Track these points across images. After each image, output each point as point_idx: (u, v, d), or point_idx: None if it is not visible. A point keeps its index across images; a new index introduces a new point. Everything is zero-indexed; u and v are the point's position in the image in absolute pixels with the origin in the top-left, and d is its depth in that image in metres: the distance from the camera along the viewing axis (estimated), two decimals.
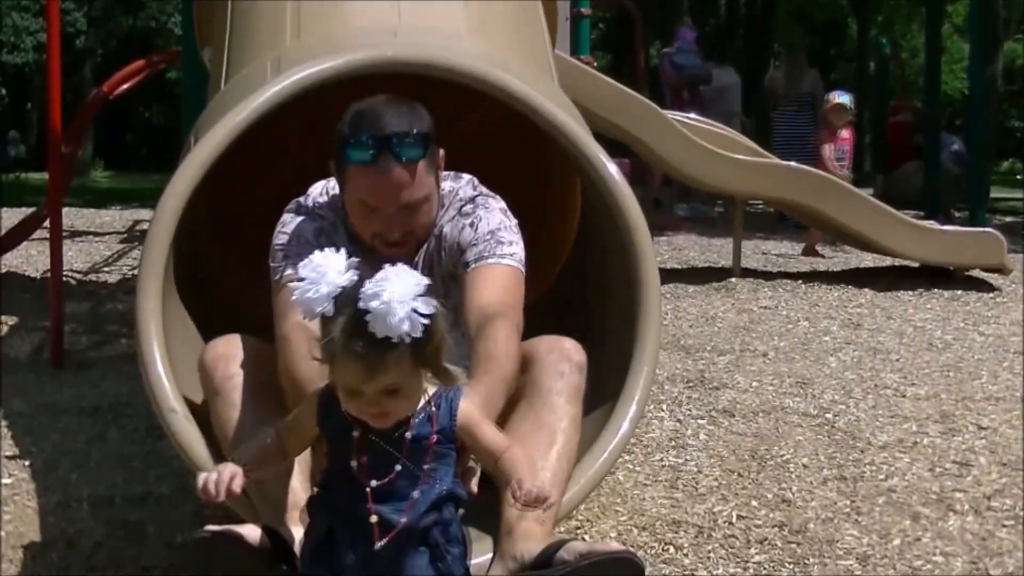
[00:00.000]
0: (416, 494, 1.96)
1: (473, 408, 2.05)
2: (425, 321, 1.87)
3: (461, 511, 2.04)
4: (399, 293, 1.85)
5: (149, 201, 8.13)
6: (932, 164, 11.35)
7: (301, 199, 2.67)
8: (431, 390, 2.00)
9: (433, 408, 2.00)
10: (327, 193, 2.66)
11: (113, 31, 26.13)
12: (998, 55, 11.88)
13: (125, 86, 6.91)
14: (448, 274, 2.62)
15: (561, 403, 2.43)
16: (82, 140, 8.45)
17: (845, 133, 8.65)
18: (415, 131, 2.44)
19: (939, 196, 10.99)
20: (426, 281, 1.89)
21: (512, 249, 2.58)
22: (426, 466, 1.97)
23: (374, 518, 1.95)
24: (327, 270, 1.90)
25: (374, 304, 1.85)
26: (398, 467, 1.96)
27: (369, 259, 2.53)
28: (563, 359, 2.47)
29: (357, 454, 1.97)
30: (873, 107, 16.57)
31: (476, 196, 2.65)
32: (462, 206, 2.63)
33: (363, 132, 2.42)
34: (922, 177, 11.51)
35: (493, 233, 2.58)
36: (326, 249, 1.93)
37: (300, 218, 2.63)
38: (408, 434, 1.97)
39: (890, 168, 13.27)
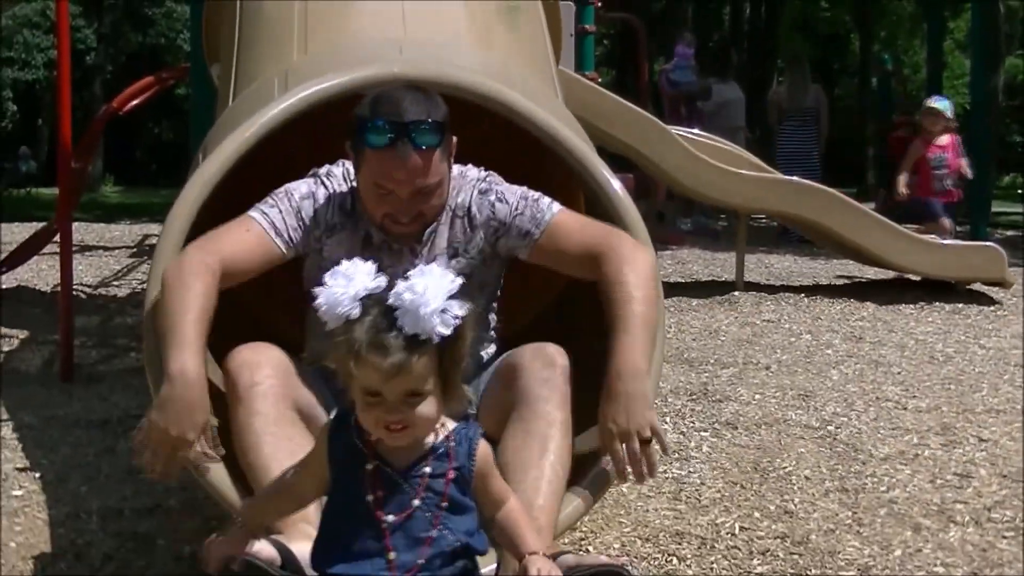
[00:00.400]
0: (434, 533, 1.90)
1: (490, 452, 2.00)
2: (456, 321, 1.83)
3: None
4: (433, 290, 1.82)
5: (158, 216, 8.20)
6: None
7: (320, 168, 2.72)
8: (450, 425, 1.95)
9: (452, 443, 1.94)
10: (343, 165, 2.71)
11: (123, 48, 26.24)
12: (999, 69, 11.90)
13: (135, 102, 6.94)
14: (479, 251, 2.66)
15: (549, 409, 2.42)
16: (92, 155, 8.47)
17: (944, 140, 8.16)
18: (432, 119, 2.48)
19: None
20: (460, 281, 1.87)
21: (548, 199, 2.66)
22: (444, 504, 1.91)
23: (392, 555, 1.88)
24: (355, 274, 1.88)
25: (407, 297, 1.82)
26: (416, 502, 1.90)
27: (358, 231, 2.60)
28: (547, 365, 2.47)
29: (372, 488, 1.90)
30: (876, 122, 16.62)
31: (487, 176, 2.71)
32: (478, 183, 2.69)
33: (382, 117, 2.46)
34: None
35: (525, 197, 2.66)
36: (354, 259, 1.93)
37: (306, 179, 2.70)
38: (426, 469, 1.91)
39: (894, 182, 13.26)
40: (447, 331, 1.82)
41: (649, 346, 2.46)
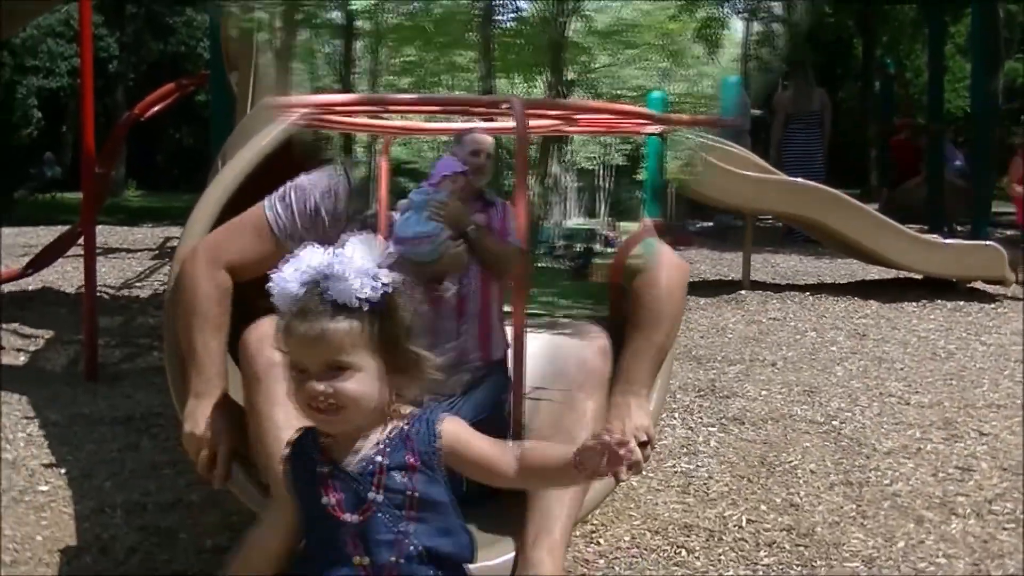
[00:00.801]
0: (405, 529, 1.75)
1: (459, 426, 1.82)
2: (384, 288, 1.74)
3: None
4: (359, 257, 1.74)
5: (179, 219, 8.26)
6: (935, 179, 11.40)
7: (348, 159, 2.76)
8: (406, 411, 1.81)
9: (409, 428, 1.78)
10: None
11: (144, 56, 26.24)
12: (999, 73, 11.93)
13: (156, 108, 7.00)
14: None
15: (581, 397, 2.42)
16: (115, 161, 8.52)
17: None
18: None
19: (942, 210, 11.04)
20: (391, 250, 1.80)
21: None
22: (414, 495, 1.76)
23: (357, 559, 1.74)
24: (308, 257, 1.80)
25: (334, 265, 1.74)
26: (375, 498, 1.74)
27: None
28: (585, 346, 2.49)
29: (329, 490, 1.77)
30: (878, 125, 16.63)
31: None
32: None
33: None
34: (926, 192, 11.56)
35: None
36: (311, 244, 1.86)
37: (328, 171, 2.68)
38: (380, 459, 1.76)
39: (896, 184, 13.31)
40: (374, 298, 1.72)
41: (658, 372, 2.61)
